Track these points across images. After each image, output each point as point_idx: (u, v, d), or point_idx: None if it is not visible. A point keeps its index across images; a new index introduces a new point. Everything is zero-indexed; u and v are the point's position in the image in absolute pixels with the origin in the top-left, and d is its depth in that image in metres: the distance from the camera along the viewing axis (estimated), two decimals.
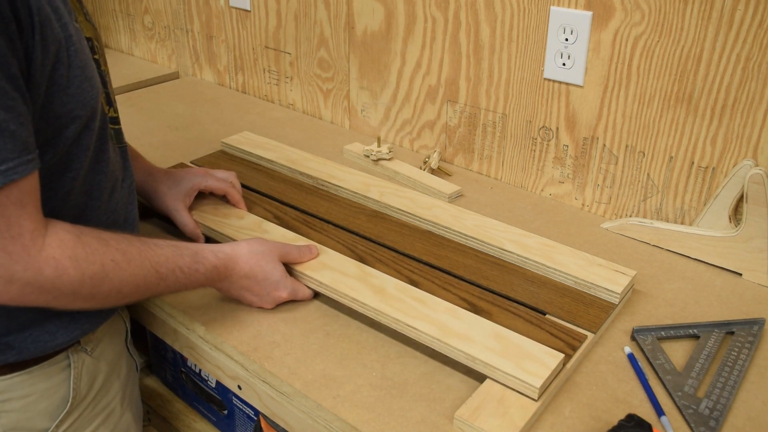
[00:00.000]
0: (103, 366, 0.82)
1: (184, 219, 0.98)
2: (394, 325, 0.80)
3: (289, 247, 0.88)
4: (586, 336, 0.80)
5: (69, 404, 0.78)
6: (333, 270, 0.88)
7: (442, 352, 0.77)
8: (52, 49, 0.65)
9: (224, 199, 1.05)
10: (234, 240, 0.93)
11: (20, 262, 0.63)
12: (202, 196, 1.04)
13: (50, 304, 0.67)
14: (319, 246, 0.93)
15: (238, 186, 1.06)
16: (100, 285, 0.68)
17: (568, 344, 0.78)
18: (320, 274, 0.87)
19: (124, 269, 0.70)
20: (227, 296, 0.87)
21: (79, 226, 0.69)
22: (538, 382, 0.70)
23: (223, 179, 1.04)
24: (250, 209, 1.03)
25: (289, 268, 0.89)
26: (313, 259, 0.90)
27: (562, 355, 0.74)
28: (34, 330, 0.72)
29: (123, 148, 0.85)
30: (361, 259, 0.92)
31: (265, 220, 0.99)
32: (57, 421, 0.77)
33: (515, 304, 0.85)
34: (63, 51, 0.67)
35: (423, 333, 0.77)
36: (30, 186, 0.63)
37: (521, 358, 0.74)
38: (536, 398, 0.71)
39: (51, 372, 0.76)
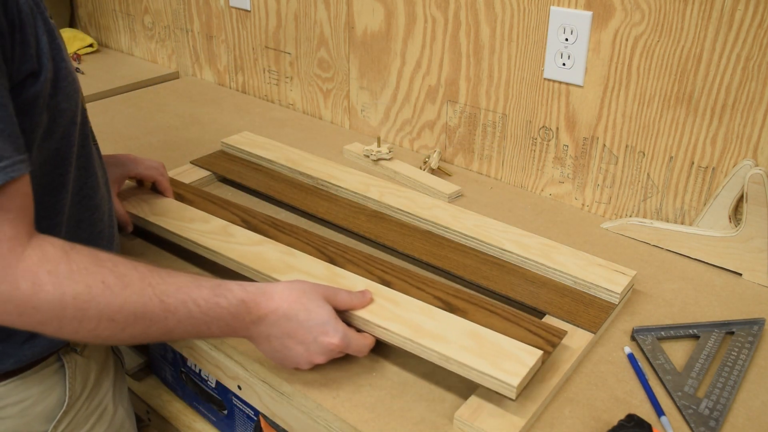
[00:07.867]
0: (94, 365, 0.82)
1: (115, 206, 0.93)
2: (363, 327, 0.76)
3: (336, 290, 0.76)
4: (566, 332, 0.78)
5: (65, 405, 0.77)
6: (299, 272, 0.84)
7: (416, 353, 0.74)
8: (54, 39, 0.65)
9: (153, 188, 1.04)
10: (201, 246, 0.91)
11: None
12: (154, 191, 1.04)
13: (36, 329, 0.61)
14: (288, 248, 0.88)
15: (167, 175, 1.05)
16: (86, 309, 0.60)
17: (547, 341, 0.76)
18: (287, 276, 0.83)
19: (116, 294, 0.62)
20: (267, 355, 0.75)
21: (74, 243, 0.63)
22: (516, 381, 0.68)
23: (153, 167, 1.02)
24: (215, 213, 0.99)
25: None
26: (366, 305, 0.78)
27: (540, 352, 0.72)
28: (30, 336, 0.71)
29: (95, 143, 0.83)
30: (332, 260, 0.88)
31: (231, 224, 0.95)
32: (54, 423, 0.77)
33: (492, 302, 0.82)
34: (58, 40, 0.67)
35: (395, 334, 0.74)
36: (14, 191, 0.58)
37: (498, 356, 0.71)
38: (513, 398, 0.68)
39: (45, 375, 0.75)
